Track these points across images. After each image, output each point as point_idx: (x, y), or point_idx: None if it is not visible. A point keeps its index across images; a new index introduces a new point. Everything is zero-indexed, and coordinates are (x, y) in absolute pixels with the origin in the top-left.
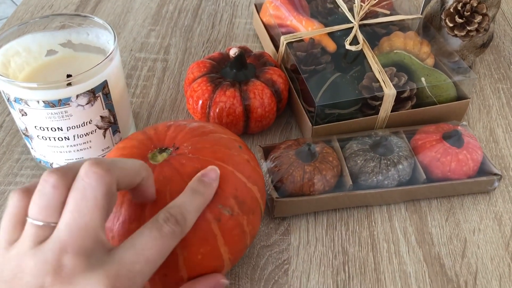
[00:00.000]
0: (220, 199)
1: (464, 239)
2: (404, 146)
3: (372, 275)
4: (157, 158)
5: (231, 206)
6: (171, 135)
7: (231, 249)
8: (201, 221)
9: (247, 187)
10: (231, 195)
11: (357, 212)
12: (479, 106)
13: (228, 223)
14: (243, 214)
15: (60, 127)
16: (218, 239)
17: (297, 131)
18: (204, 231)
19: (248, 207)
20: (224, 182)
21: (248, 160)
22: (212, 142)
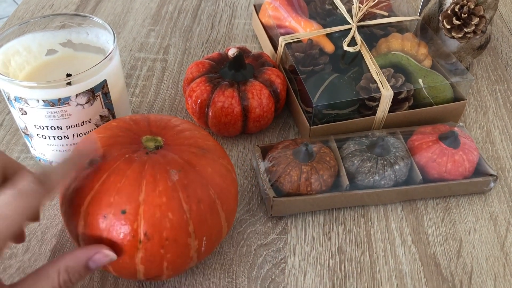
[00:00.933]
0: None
1: (460, 239)
2: (400, 147)
3: (368, 274)
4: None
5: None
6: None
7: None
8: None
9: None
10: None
11: (353, 212)
12: (476, 108)
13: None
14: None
15: (60, 126)
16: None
17: (295, 131)
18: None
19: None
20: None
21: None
22: (186, 137)
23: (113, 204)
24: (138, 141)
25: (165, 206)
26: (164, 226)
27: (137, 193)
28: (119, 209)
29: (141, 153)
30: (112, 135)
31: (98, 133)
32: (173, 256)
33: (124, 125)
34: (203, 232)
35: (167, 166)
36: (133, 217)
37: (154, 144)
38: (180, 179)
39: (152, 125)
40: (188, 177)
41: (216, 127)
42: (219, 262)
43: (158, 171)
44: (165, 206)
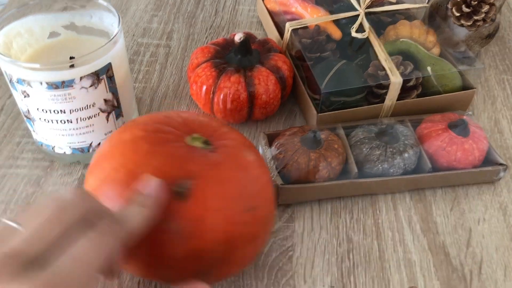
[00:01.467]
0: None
1: (469, 228)
2: (409, 135)
3: (377, 263)
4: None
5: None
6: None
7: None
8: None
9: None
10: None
11: (361, 200)
12: (483, 97)
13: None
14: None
15: (63, 110)
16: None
17: (301, 118)
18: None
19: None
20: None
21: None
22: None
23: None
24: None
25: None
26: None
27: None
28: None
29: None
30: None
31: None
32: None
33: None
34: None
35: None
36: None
37: (201, 143)
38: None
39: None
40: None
41: (221, 114)
42: None
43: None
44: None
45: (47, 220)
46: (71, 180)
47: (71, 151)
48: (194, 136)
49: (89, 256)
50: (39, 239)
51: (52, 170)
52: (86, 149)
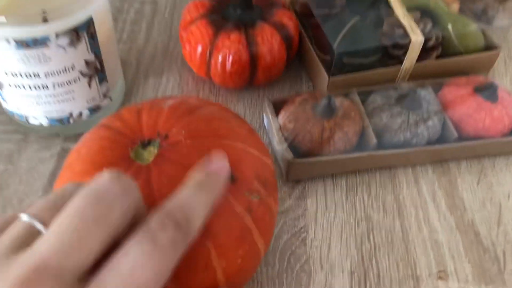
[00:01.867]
0: (244, 185)
1: (499, 204)
2: (432, 100)
3: (401, 244)
4: (144, 155)
5: (257, 189)
6: (147, 122)
7: (266, 238)
8: (232, 218)
9: (263, 161)
10: (254, 176)
11: (379, 175)
12: (504, 59)
13: (259, 210)
14: (269, 194)
15: (37, 73)
16: (254, 233)
17: (308, 83)
18: (239, 229)
19: (271, 184)
20: (241, 163)
21: (250, 129)
22: (205, 118)
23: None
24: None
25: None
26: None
27: None
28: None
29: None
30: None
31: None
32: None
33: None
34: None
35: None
36: None
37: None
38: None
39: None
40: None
41: (219, 78)
42: None
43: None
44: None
45: (83, 220)
46: (49, 155)
47: (48, 122)
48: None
49: (145, 277)
50: (74, 248)
51: (26, 144)
52: (66, 120)
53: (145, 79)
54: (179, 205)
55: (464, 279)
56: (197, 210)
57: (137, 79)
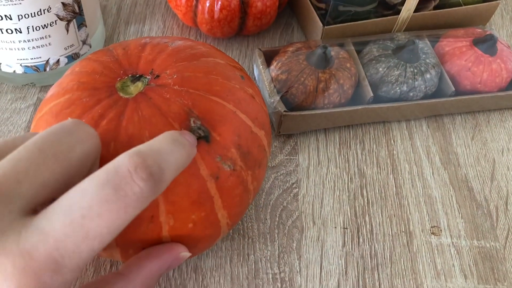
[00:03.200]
0: (218, 149)
1: (493, 160)
2: (430, 52)
3: (394, 200)
4: (130, 89)
5: (232, 158)
6: (147, 57)
7: (231, 212)
8: (193, 179)
9: (253, 132)
10: (233, 143)
11: (373, 129)
12: (501, 11)
13: (229, 180)
14: (247, 168)
15: (9, 15)
16: (215, 202)
17: (300, 33)
18: (198, 191)
19: (254, 159)
20: (224, 126)
21: (253, 95)
22: (205, 69)
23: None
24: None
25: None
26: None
27: None
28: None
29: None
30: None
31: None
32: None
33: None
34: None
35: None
36: None
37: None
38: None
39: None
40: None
41: (207, 26)
42: None
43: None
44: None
45: (41, 152)
46: (25, 106)
47: (23, 69)
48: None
49: (96, 228)
50: (28, 176)
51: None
52: (42, 68)
53: (126, 26)
54: (155, 151)
55: (456, 235)
56: (171, 164)
57: (117, 27)
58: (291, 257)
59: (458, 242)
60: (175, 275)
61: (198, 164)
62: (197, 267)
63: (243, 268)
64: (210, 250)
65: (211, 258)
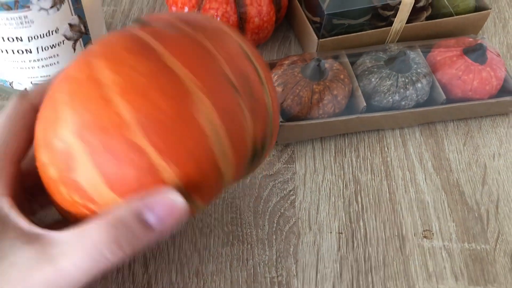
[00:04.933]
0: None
1: (484, 164)
2: (421, 62)
3: (388, 205)
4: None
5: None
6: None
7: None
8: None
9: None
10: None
11: (367, 137)
12: (494, 19)
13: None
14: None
15: (20, 37)
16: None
17: (297, 45)
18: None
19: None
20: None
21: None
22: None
23: None
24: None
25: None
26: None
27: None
28: None
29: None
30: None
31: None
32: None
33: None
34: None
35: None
36: None
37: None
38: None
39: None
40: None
41: None
42: (220, 195)
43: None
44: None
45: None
46: None
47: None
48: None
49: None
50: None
51: None
52: None
53: None
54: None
55: (448, 238)
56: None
57: None
58: (288, 261)
59: (449, 245)
60: (178, 279)
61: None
62: (198, 272)
63: (242, 272)
64: (210, 256)
65: (212, 263)
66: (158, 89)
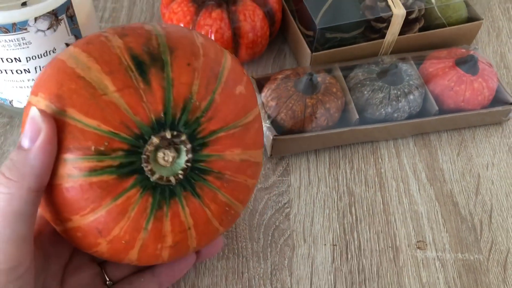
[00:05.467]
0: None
1: (478, 174)
2: (414, 74)
3: (382, 216)
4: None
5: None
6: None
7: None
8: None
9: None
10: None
11: (361, 148)
12: (488, 29)
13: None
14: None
15: (18, 58)
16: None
17: (292, 59)
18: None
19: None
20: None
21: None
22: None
23: None
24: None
25: None
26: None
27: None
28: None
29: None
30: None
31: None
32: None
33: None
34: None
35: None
36: None
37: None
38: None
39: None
40: None
41: None
42: None
43: None
44: None
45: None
46: None
47: None
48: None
49: None
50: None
51: (12, 127)
52: None
53: None
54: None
55: (441, 248)
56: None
57: None
58: (283, 274)
59: (443, 256)
60: None
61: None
62: (194, 285)
63: (237, 285)
64: (206, 269)
65: (208, 276)
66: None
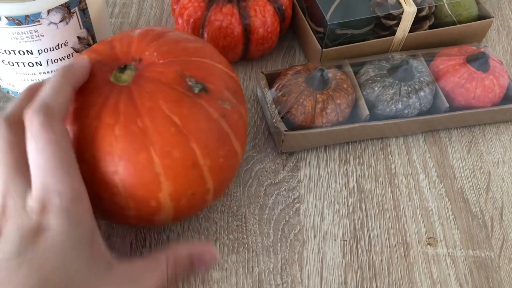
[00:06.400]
0: (216, 95)
1: (488, 172)
2: (424, 71)
3: (392, 212)
4: (122, 78)
5: (228, 98)
6: (121, 49)
7: (241, 141)
8: (211, 123)
9: (229, 74)
10: (223, 86)
11: (371, 145)
12: (497, 27)
13: (233, 116)
14: (239, 103)
15: (30, 50)
16: (230, 136)
17: (302, 55)
18: (217, 132)
19: (239, 95)
20: (212, 76)
21: (213, 48)
22: (174, 41)
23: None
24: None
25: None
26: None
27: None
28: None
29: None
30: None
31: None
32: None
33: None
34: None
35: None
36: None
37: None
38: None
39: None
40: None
41: None
42: (225, 204)
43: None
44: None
45: (58, 81)
46: None
47: None
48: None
49: (44, 155)
50: (56, 94)
51: None
52: None
53: None
54: (39, 97)
55: (452, 245)
56: (53, 93)
57: None
58: (293, 268)
59: (453, 252)
60: (184, 287)
61: (208, 111)
62: (204, 280)
63: (247, 279)
64: (216, 263)
65: (218, 271)
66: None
